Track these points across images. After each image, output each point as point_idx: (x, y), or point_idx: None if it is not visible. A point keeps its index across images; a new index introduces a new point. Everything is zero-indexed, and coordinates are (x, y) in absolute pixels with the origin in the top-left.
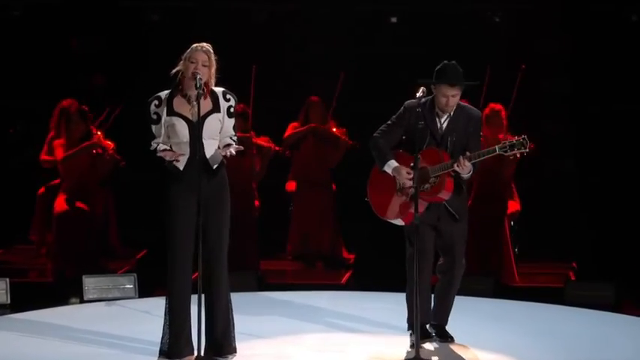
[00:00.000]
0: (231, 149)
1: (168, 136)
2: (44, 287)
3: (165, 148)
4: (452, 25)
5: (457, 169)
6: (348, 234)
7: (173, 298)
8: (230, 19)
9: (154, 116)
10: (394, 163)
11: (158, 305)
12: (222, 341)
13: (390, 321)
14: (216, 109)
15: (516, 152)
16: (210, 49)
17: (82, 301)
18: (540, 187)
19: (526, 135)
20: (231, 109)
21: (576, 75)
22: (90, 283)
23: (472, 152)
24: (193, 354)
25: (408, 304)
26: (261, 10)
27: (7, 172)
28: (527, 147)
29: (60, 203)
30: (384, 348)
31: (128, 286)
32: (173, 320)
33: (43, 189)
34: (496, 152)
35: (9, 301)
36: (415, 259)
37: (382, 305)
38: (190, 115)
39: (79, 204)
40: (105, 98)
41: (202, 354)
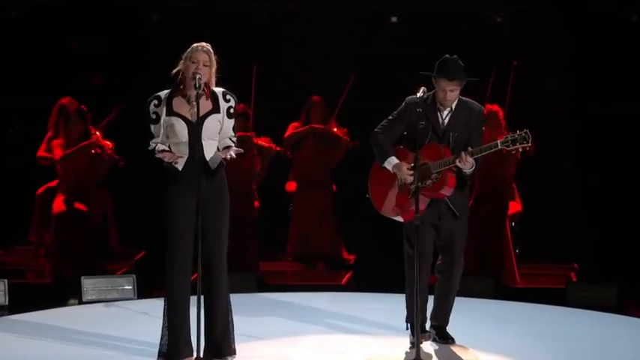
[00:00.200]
0: (231, 152)
1: (167, 136)
2: (43, 288)
3: (163, 149)
4: (452, 25)
5: (459, 165)
6: (349, 235)
7: (172, 300)
8: (230, 19)
9: (153, 116)
10: (394, 160)
11: (157, 306)
12: (221, 342)
13: (390, 322)
14: (215, 110)
15: (518, 147)
16: (210, 49)
17: (81, 303)
18: (541, 188)
19: (527, 130)
20: (230, 110)
21: (577, 75)
22: (88, 284)
23: (474, 147)
24: (193, 355)
25: (407, 304)
26: (261, 10)
27: (6, 173)
28: (529, 141)
29: (58, 204)
30: (384, 349)
31: (127, 287)
32: (172, 321)
33: (42, 189)
34: (498, 147)
35: (7, 303)
36: (416, 260)
37: (382, 306)
38: (190, 116)
39: (78, 204)
40: (104, 98)
41: (202, 355)
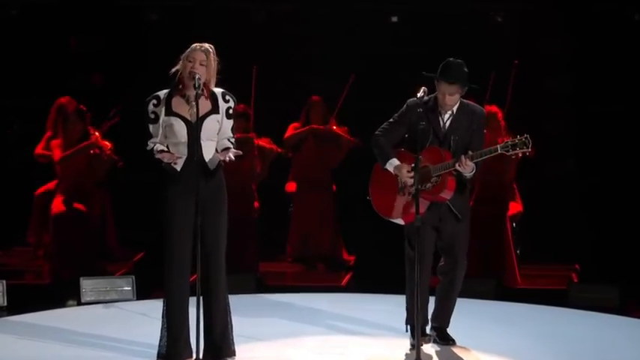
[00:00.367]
0: (230, 154)
1: (165, 136)
2: (41, 289)
3: (162, 149)
4: (453, 25)
5: (459, 169)
6: (349, 235)
7: (171, 301)
8: (229, 19)
9: (152, 115)
10: (396, 162)
11: (156, 307)
12: (220, 344)
13: (391, 323)
14: (215, 110)
15: (518, 152)
16: (209, 49)
17: (80, 304)
18: (541, 188)
19: (528, 135)
20: (230, 111)
21: (578, 74)
22: (87, 285)
23: (475, 151)
24: (192, 357)
25: (407, 306)
26: (259, 10)
27: (5, 173)
28: (529, 146)
29: (57, 204)
30: (385, 350)
31: (126, 288)
32: (171, 323)
33: (41, 190)
34: (498, 152)
35: (6, 304)
36: (416, 261)
37: (383, 307)
38: (189, 116)
39: (77, 205)
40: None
41: (201, 357)
